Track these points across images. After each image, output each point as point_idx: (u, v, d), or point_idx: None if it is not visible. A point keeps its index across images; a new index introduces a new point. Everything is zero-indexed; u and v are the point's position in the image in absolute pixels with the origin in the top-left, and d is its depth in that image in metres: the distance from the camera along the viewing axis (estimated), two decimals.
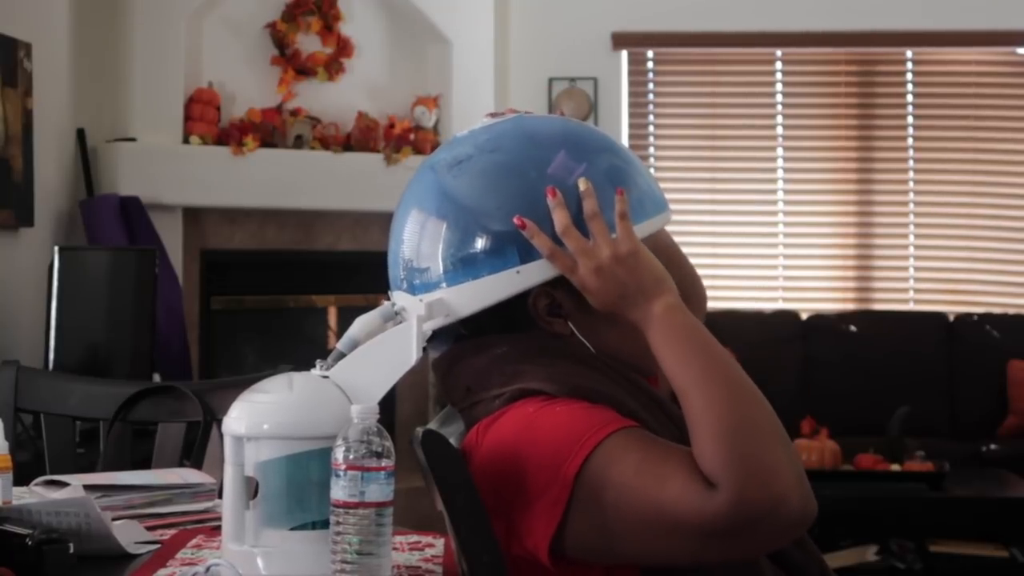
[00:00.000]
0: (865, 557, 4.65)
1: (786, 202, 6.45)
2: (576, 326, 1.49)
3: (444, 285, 1.46)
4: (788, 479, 1.29)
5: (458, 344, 1.53)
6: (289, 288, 5.60)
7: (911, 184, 6.41)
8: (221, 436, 1.42)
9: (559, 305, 1.48)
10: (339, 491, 1.26)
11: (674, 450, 1.34)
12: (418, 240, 1.49)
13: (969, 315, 6.13)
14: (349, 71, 5.58)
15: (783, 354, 5.97)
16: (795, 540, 1.49)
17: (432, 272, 1.47)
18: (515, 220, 1.43)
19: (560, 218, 1.43)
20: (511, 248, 1.44)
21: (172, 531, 1.71)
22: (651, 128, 6.47)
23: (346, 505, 1.26)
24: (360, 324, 1.49)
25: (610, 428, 1.35)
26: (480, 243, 1.45)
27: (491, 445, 1.41)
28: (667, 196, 1.57)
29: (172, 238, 4.96)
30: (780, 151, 6.45)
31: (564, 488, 1.34)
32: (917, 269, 6.42)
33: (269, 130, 5.26)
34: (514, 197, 1.46)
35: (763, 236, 6.44)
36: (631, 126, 6.40)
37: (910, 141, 6.40)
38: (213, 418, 2.19)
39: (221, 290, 5.35)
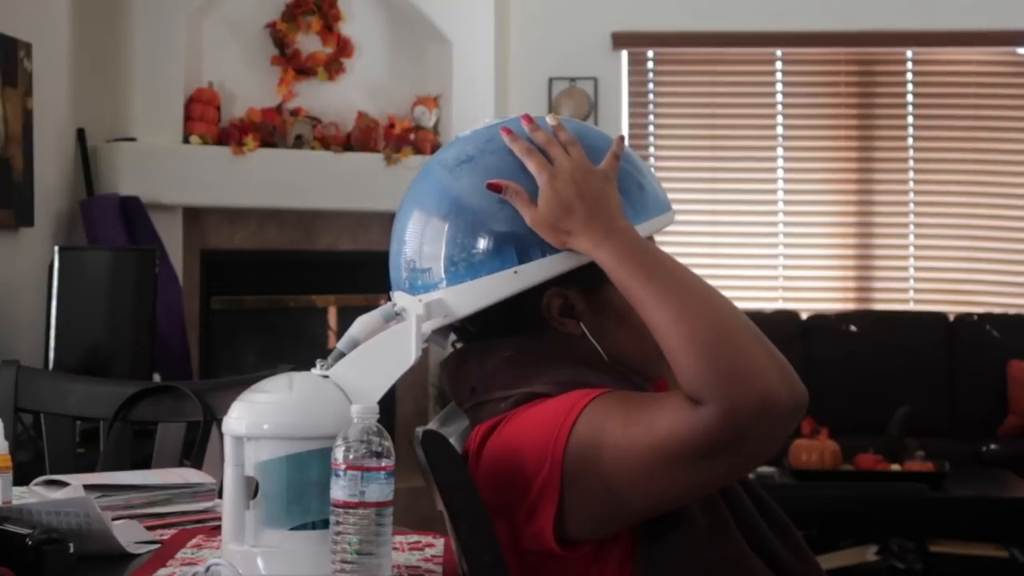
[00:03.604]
0: (865, 557, 4.65)
1: (786, 202, 6.45)
2: (588, 327, 1.49)
3: (443, 285, 1.46)
4: (770, 374, 1.28)
5: (467, 345, 1.53)
6: (289, 288, 5.60)
7: (911, 184, 6.41)
8: (221, 436, 1.42)
9: (572, 306, 1.48)
10: (339, 491, 1.26)
11: (651, 396, 1.35)
12: (419, 240, 1.49)
13: (969, 315, 6.13)
14: (349, 71, 5.58)
15: (783, 354, 5.96)
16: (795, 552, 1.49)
17: (432, 272, 1.47)
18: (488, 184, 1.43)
19: (519, 146, 1.44)
20: (509, 248, 1.44)
21: (172, 531, 1.71)
22: (651, 128, 6.47)
23: (346, 505, 1.26)
24: (361, 324, 1.49)
25: (587, 399, 1.36)
26: (480, 243, 1.45)
27: (492, 448, 1.42)
28: (667, 196, 1.58)
29: (172, 238, 4.96)
30: (780, 151, 6.45)
31: (555, 466, 1.34)
32: (917, 269, 6.42)
33: (269, 130, 5.26)
34: None
35: (763, 236, 6.44)
36: (631, 126, 6.40)
37: (910, 141, 6.40)
38: (213, 418, 2.19)
39: (221, 290, 5.35)
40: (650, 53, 6.41)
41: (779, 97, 6.44)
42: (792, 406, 1.29)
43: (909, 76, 6.39)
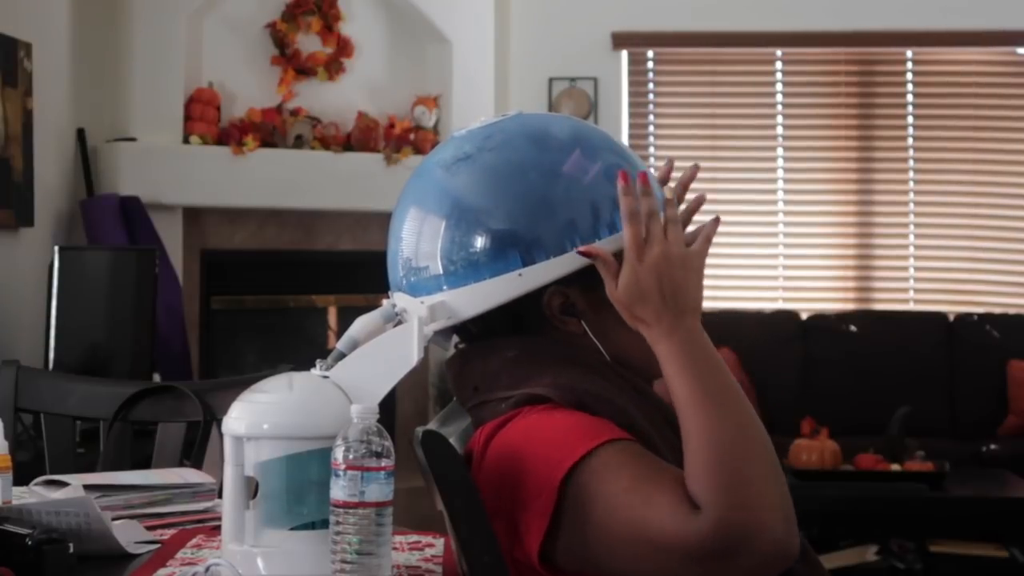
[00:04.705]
0: (865, 557, 4.65)
1: (786, 202, 6.45)
2: (589, 326, 1.49)
3: (446, 287, 1.46)
4: (773, 511, 1.29)
5: (471, 345, 1.53)
6: (289, 288, 5.60)
7: (911, 184, 6.41)
8: (221, 436, 1.42)
9: (573, 304, 1.48)
10: (339, 491, 1.26)
11: (666, 470, 1.33)
12: (418, 240, 1.49)
13: (969, 315, 6.13)
14: (349, 71, 5.58)
15: (783, 354, 5.97)
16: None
17: (433, 273, 1.47)
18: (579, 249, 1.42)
19: (626, 204, 1.40)
20: (513, 251, 1.44)
21: (172, 531, 1.71)
22: (651, 128, 6.47)
23: (346, 505, 1.26)
24: (360, 324, 1.49)
25: (601, 439, 1.34)
26: (481, 243, 1.45)
27: (496, 450, 1.41)
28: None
29: (172, 238, 4.96)
30: (780, 151, 6.45)
31: (551, 494, 1.33)
32: (917, 269, 6.42)
33: (269, 130, 5.26)
34: (515, 196, 1.45)
35: (763, 236, 6.44)
36: (631, 126, 6.40)
37: (910, 141, 6.40)
38: (213, 418, 2.19)
39: (221, 290, 5.35)
40: (650, 53, 6.41)
41: (779, 97, 6.44)
42: (781, 548, 1.29)
43: (909, 76, 6.39)
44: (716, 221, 1.48)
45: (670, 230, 1.42)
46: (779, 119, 6.44)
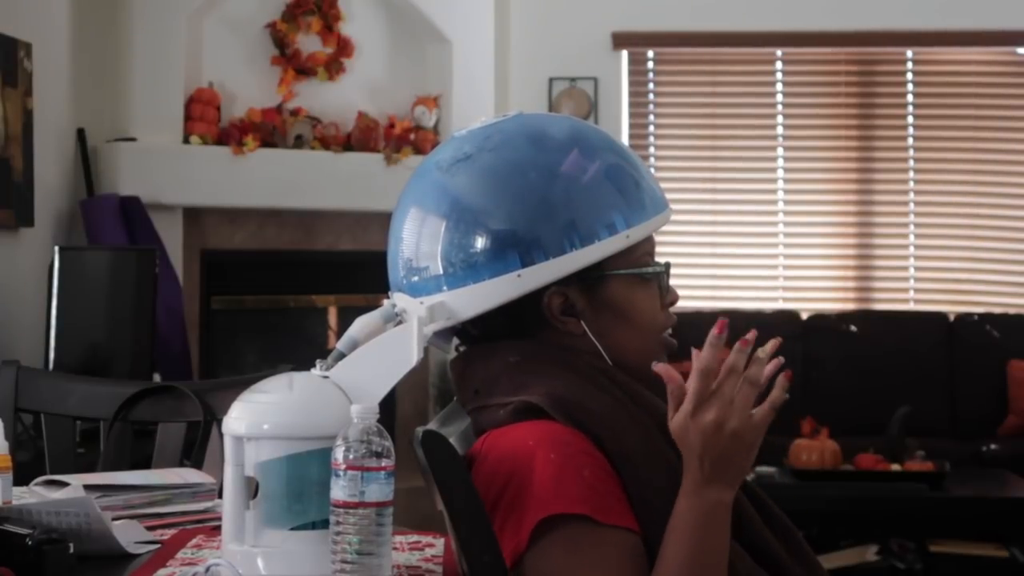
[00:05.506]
0: (865, 557, 4.65)
1: (786, 202, 6.45)
2: (588, 326, 1.49)
3: (445, 287, 1.46)
4: None
5: (472, 347, 1.53)
6: (289, 288, 5.60)
7: (911, 184, 6.41)
8: (221, 436, 1.42)
9: (572, 305, 1.48)
10: (339, 491, 1.26)
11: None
12: (418, 240, 1.49)
13: (969, 315, 6.13)
14: (349, 71, 5.58)
15: (783, 354, 5.94)
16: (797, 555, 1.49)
17: (433, 273, 1.47)
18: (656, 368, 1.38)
19: (705, 355, 1.36)
20: (512, 251, 1.44)
21: (172, 531, 1.71)
22: (651, 128, 6.47)
23: (346, 505, 1.26)
24: (360, 324, 1.49)
25: (583, 510, 1.35)
26: (481, 244, 1.45)
27: (492, 462, 1.42)
28: (667, 196, 1.57)
29: (172, 238, 4.96)
30: (780, 151, 6.45)
31: (523, 539, 1.36)
32: (917, 269, 6.42)
33: (269, 130, 5.26)
34: (514, 196, 1.46)
35: (763, 236, 6.44)
36: (631, 126, 6.40)
37: (910, 141, 6.40)
38: (213, 418, 2.19)
39: (221, 290, 5.35)
40: (650, 53, 6.41)
41: (779, 97, 6.44)
42: None
43: (909, 76, 6.39)
44: (788, 377, 1.41)
45: (741, 393, 1.37)
46: (779, 119, 6.44)
